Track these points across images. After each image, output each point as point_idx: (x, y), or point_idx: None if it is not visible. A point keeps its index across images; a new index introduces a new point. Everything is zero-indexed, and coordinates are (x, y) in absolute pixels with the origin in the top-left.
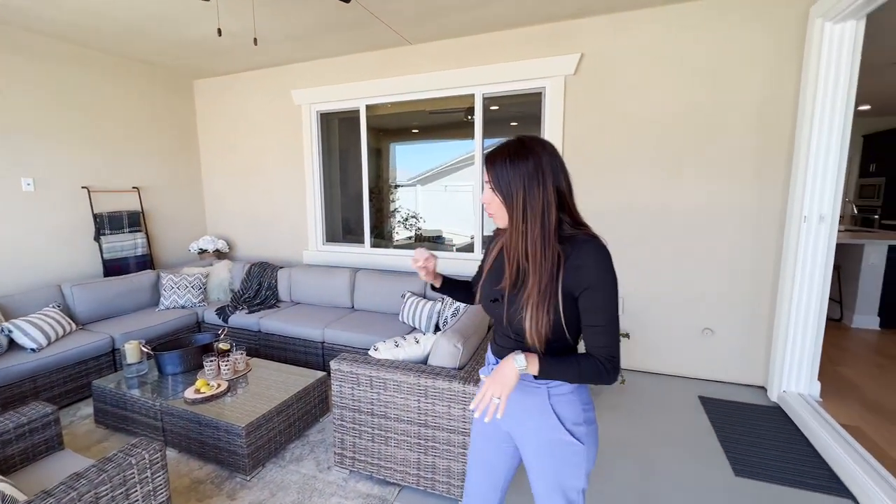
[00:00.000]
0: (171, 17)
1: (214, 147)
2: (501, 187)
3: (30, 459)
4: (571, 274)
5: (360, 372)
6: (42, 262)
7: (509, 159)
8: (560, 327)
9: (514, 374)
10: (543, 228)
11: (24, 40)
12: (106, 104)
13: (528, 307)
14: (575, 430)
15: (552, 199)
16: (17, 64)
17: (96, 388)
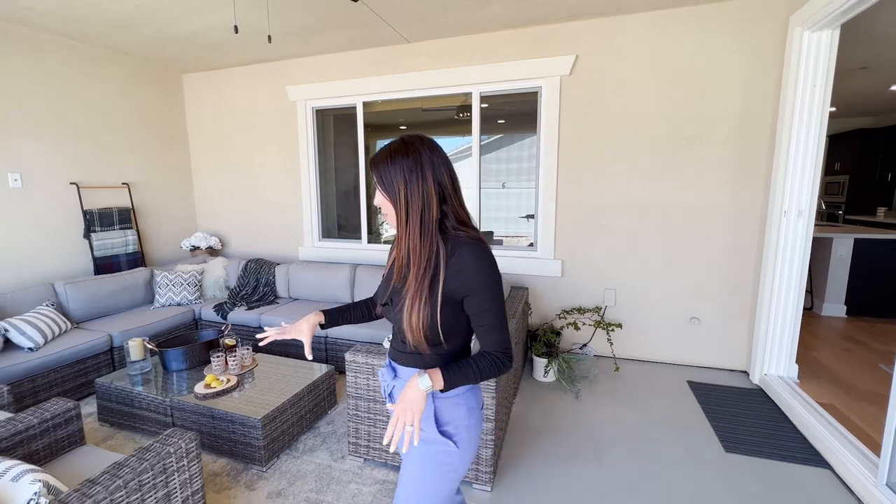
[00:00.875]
0: (162, 9)
1: (205, 143)
2: (385, 185)
3: (54, 454)
4: (452, 277)
5: (376, 363)
6: (32, 260)
7: (390, 157)
8: (436, 328)
9: (421, 396)
10: (423, 223)
11: (9, 31)
12: (93, 97)
13: (407, 302)
14: (453, 433)
15: (433, 193)
16: (2, 55)
17: (100, 386)
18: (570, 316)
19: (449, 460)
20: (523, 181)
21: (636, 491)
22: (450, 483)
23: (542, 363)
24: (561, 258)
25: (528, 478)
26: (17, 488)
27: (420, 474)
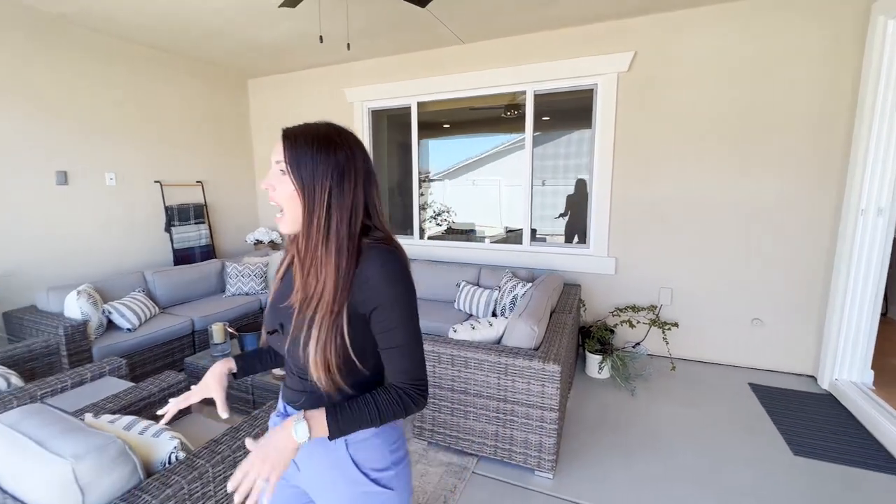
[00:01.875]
0: (240, 20)
1: (266, 143)
2: (303, 176)
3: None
4: (357, 289)
5: (443, 351)
6: (124, 251)
7: (318, 144)
8: (349, 353)
9: (291, 449)
10: (349, 237)
11: (104, 44)
12: (172, 103)
13: (315, 330)
14: (382, 477)
15: (360, 201)
16: (98, 68)
17: (188, 364)
18: (623, 314)
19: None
20: (560, 178)
21: (701, 485)
22: None
23: (596, 360)
24: (615, 256)
25: (587, 468)
26: (158, 443)
27: None
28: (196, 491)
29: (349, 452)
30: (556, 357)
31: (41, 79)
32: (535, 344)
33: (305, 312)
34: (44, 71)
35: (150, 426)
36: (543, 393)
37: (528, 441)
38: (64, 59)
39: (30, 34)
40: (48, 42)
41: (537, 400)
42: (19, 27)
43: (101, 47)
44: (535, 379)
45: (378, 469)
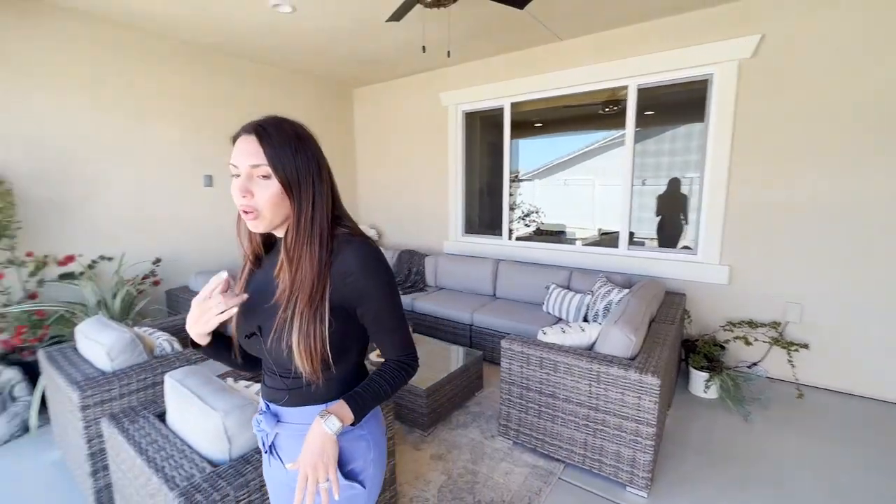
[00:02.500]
0: (344, 36)
1: (368, 147)
2: (288, 174)
3: None
4: (339, 284)
5: (531, 353)
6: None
7: (295, 140)
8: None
9: (332, 442)
10: (323, 229)
11: (240, 66)
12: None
13: (298, 320)
14: (359, 472)
15: (329, 192)
16: (233, 86)
17: None
18: (737, 329)
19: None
20: (663, 177)
21: None
22: None
23: (702, 377)
24: (728, 264)
25: (688, 492)
26: None
27: None
28: None
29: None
30: (656, 369)
31: (194, 98)
32: (632, 353)
33: (288, 306)
34: (197, 91)
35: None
36: (639, 406)
37: (620, 454)
38: (209, 82)
39: (188, 62)
40: (199, 68)
41: (632, 412)
42: (180, 57)
43: (238, 69)
44: (630, 390)
45: (357, 465)
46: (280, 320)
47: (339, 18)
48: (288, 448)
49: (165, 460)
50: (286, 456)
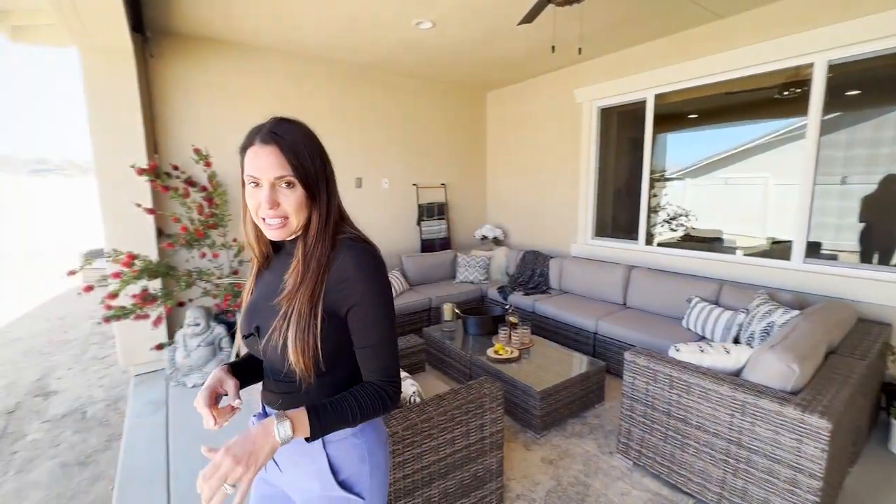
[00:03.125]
0: (481, 42)
1: (498, 148)
2: (310, 182)
3: (410, 373)
4: (334, 287)
5: (659, 369)
6: (389, 237)
7: (309, 141)
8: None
9: (268, 449)
10: (331, 229)
11: (387, 80)
12: (426, 119)
13: (295, 317)
14: (355, 482)
15: (335, 190)
16: (380, 97)
17: (426, 334)
18: None
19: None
20: (872, 174)
21: None
22: None
23: None
24: None
25: None
26: (403, 385)
27: None
28: (423, 427)
29: (327, 453)
30: (826, 410)
31: (348, 110)
32: (794, 386)
33: (290, 305)
34: (350, 104)
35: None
36: (799, 451)
37: (769, 503)
38: (359, 95)
39: (343, 80)
40: (352, 84)
41: (788, 457)
42: (336, 77)
43: (385, 82)
44: (786, 429)
45: (353, 473)
46: (279, 319)
47: (474, 28)
48: (284, 452)
49: None
50: (283, 460)
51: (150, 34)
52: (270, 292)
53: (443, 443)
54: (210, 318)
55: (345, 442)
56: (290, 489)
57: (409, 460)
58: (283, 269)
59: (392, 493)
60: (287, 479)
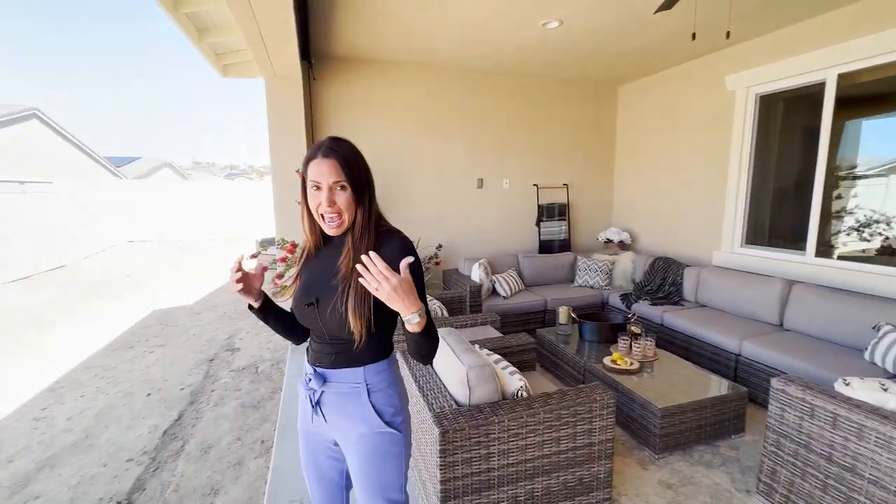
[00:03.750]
0: (613, 34)
1: (628, 144)
2: (359, 187)
3: (520, 370)
4: None
5: (819, 404)
6: (506, 237)
7: (359, 160)
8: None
9: (409, 303)
10: (373, 223)
11: (508, 83)
12: (549, 119)
13: (355, 293)
14: (393, 420)
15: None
16: (502, 100)
17: (539, 335)
18: None
19: (397, 449)
20: None
21: None
22: (402, 469)
23: None
24: None
25: None
26: (511, 380)
27: (379, 468)
28: (529, 422)
29: (371, 400)
30: None
31: (471, 115)
32: None
33: (346, 282)
34: (473, 109)
35: (508, 366)
36: None
37: None
38: (481, 100)
39: (467, 86)
40: (475, 89)
41: None
42: (461, 84)
43: (506, 85)
44: None
45: (392, 414)
46: (339, 293)
47: (604, 21)
48: (330, 404)
49: (429, 391)
50: (328, 411)
51: (314, 60)
52: (323, 273)
53: (548, 440)
54: None
55: (381, 392)
56: (335, 433)
57: (512, 450)
58: (332, 256)
59: (496, 479)
60: (331, 427)
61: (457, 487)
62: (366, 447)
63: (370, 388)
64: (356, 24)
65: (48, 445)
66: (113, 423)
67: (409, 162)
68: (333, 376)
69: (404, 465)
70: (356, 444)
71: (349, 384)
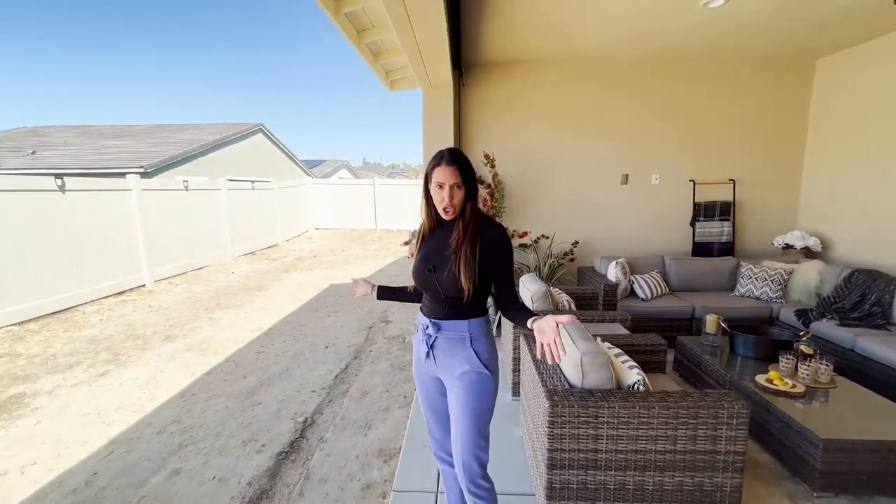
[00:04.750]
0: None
1: (828, 131)
2: (470, 182)
3: (646, 371)
4: (484, 249)
5: None
6: (651, 237)
7: (468, 161)
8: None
9: (552, 327)
10: (476, 213)
11: (661, 69)
12: (709, 107)
13: (463, 258)
14: (489, 363)
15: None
16: (648, 88)
17: (680, 343)
18: None
19: (491, 386)
20: None
21: None
22: (491, 405)
23: None
24: None
25: None
26: (629, 373)
27: (476, 400)
28: (642, 413)
29: (472, 346)
30: None
31: (614, 106)
32: None
33: (458, 254)
34: (616, 100)
35: (628, 360)
36: None
37: None
38: (627, 89)
39: (598, 80)
40: (619, 79)
41: None
42: (587, 77)
43: (661, 72)
44: None
45: (487, 358)
46: (452, 262)
47: None
48: (441, 348)
49: (545, 371)
50: (439, 354)
51: (464, 68)
52: (437, 249)
53: (662, 437)
54: None
55: (479, 341)
56: (443, 373)
57: (622, 438)
58: (444, 237)
59: (603, 462)
60: (440, 366)
61: (563, 459)
62: (467, 382)
63: (472, 336)
64: (503, 29)
65: (264, 371)
66: (303, 363)
67: (548, 157)
68: (445, 326)
69: (492, 403)
70: (459, 380)
71: (457, 332)
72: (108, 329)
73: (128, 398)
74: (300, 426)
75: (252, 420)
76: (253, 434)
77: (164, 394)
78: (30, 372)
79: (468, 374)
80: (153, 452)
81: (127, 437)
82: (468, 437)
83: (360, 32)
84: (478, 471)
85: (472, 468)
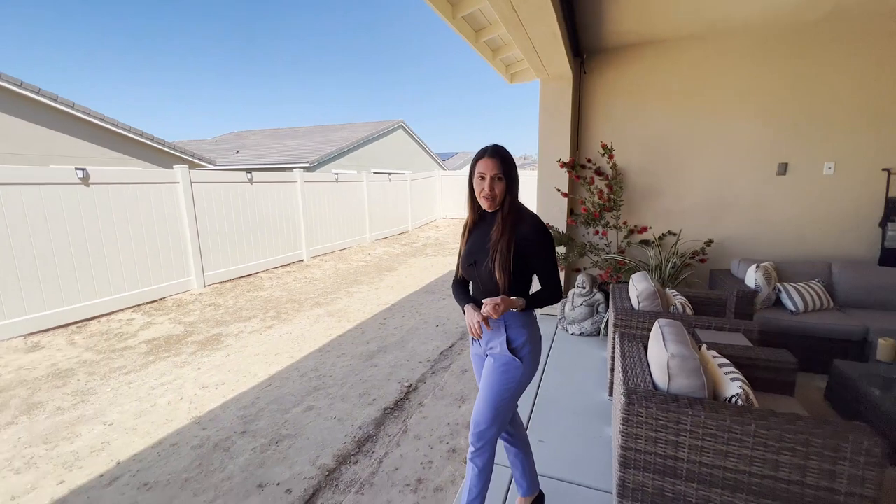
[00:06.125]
0: None
1: None
2: (511, 176)
3: (762, 387)
4: (521, 242)
5: None
6: (813, 239)
7: (510, 156)
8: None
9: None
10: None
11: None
12: None
13: (499, 254)
14: (518, 350)
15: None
16: (827, 58)
17: (836, 367)
18: None
19: (517, 372)
20: None
21: None
22: (513, 390)
23: None
24: None
25: None
26: (729, 385)
27: (498, 379)
28: (734, 428)
29: (507, 333)
30: None
31: (767, 84)
32: None
33: (496, 248)
34: (770, 77)
35: (732, 371)
36: None
37: None
38: (784, 63)
39: (749, 54)
40: (773, 52)
41: None
42: (732, 53)
43: (837, 38)
44: None
45: (518, 345)
46: (490, 255)
47: None
48: (487, 333)
49: (631, 369)
50: (485, 336)
51: (586, 55)
52: (480, 241)
53: (759, 458)
54: (594, 285)
55: (516, 329)
56: (489, 352)
57: (707, 450)
58: (486, 230)
59: (683, 471)
60: (487, 346)
61: (637, 459)
62: (496, 362)
63: (507, 324)
64: (624, 12)
65: (383, 340)
66: (416, 337)
67: (677, 146)
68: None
69: (515, 387)
70: (491, 357)
71: (496, 320)
72: (275, 293)
73: (284, 347)
74: (405, 389)
75: (368, 378)
76: (367, 389)
77: (308, 347)
78: (225, 319)
79: (499, 356)
80: (296, 390)
81: (281, 375)
82: (482, 402)
83: (477, 32)
84: (476, 432)
85: (475, 426)
